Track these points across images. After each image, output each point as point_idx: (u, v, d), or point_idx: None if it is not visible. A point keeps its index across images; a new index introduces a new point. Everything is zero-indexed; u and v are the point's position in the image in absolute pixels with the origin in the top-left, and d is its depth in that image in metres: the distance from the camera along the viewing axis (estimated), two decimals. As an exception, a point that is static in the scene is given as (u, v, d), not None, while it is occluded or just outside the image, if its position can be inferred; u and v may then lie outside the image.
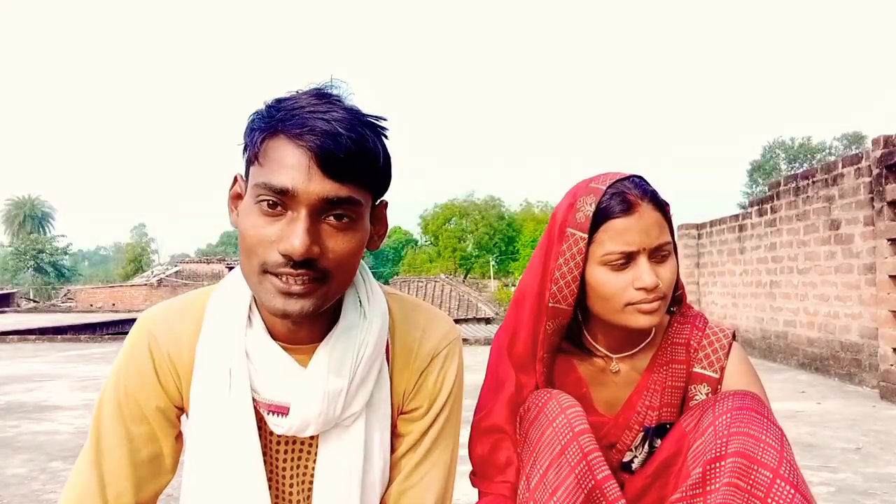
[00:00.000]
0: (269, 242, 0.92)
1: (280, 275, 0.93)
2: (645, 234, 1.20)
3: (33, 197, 64.93)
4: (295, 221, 0.91)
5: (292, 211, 0.92)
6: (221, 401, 1.04)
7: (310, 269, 0.92)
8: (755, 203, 7.71)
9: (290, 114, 0.92)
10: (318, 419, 1.03)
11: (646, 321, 1.23)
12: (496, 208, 48.60)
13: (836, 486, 2.88)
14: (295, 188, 0.90)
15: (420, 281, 27.50)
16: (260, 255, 0.93)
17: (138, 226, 77.65)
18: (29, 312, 25.75)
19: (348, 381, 1.03)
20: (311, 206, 0.91)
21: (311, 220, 0.91)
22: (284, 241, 0.91)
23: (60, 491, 2.86)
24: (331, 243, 0.94)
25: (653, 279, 1.20)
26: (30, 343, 10.45)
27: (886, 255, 5.00)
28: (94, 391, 5.52)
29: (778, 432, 1.10)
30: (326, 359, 1.03)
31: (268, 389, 1.04)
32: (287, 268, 0.92)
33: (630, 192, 1.22)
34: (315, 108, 0.93)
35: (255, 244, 0.93)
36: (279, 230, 0.92)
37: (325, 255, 0.93)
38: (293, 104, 0.94)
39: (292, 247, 0.90)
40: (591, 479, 1.15)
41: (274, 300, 0.94)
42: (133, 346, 1.11)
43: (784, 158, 51.79)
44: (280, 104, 0.95)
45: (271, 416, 1.05)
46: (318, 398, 1.02)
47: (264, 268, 0.93)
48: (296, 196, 0.91)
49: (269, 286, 0.94)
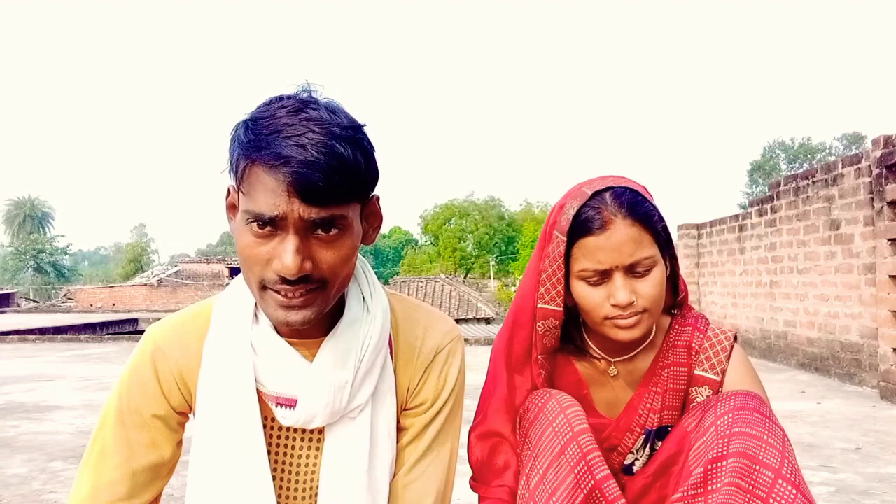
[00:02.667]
0: (263, 261, 0.96)
1: (279, 290, 0.96)
2: (616, 253, 1.19)
3: (33, 197, 65.04)
4: (284, 242, 0.94)
5: (281, 231, 0.95)
6: (227, 394, 1.07)
7: (306, 283, 0.96)
8: (755, 203, 7.71)
9: (266, 140, 0.93)
10: (325, 411, 1.06)
11: (624, 336, 1.22)
12: (496, 208, 48.60)
13: (836, 486, 2.88)
14: (282, 214, 0.93)
15: (420, 281, 27.52)
16: (258, 273, 0.97)
17: (138, 226, 77.87)
18: (29, 312, 25.76)
19: (353, 374, 1.06)
20: (296, 226, 0.94)
21: (299, 238, 0.94)
22: (277, 261, 0.95)
23: (60, 491, 2.88)
24: (322, 255, 0.97)
25: (626, 297, 1.19)
26: (30, 343, 10.45)
27: (886, 255, 5.00)
28: (94, 391, 5.53)
29: (780, 432, 1.10)
30: (331, 352, 1.06)
31: (274, 383, 1.07)
32: (284, 284, 0.95)
33: (605, 208, 1.20)
34: (291, 131, 0.93)
35: (251, 262, 0.97)
36: (271, 249, 0.95)
37: (318, 266, 0.96)
38: (269, 126, 0.94)
39: (285, 267, 0.93)
40: (591, 479, 1.15)
41: (276, 313, 0.98)
42: (138, 358, 1.14)
43: (784, 158, 51.85)
44: (257, 124, 0.95)
45: (279, 408, 1.08)
46: (325, 390, 1.05)
47: (263, 284, 0.97)
48: (283, 219, 0.93)
49: (269, 300, 0.98)
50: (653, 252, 1.21)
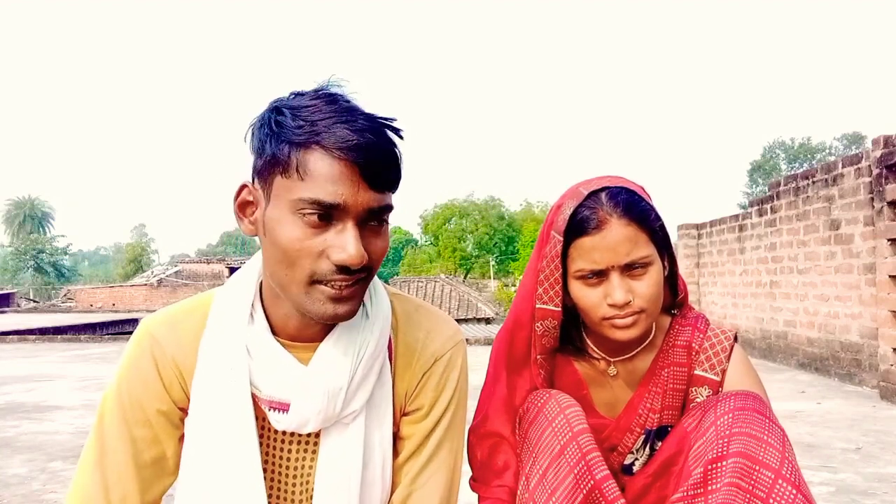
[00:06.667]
0: (316, 253, 0.94)
1: (331, 282, 0.95)
2: (612, 253, 1.19)
3: (33, 197, 64.95)
4: (344, 232, 0.94)
5: (338, 221, 0.94)
6: (221, 396, 1.05)
7: (358, 274, 0.97)
8: (755, 203, 7.70)
9: (320, 125, 0.93)
10: (318, 416, 1.04)
11: (622, 335, 1.22)
12: (496, 208, 48.54)
13: (836, 486, 2.88)
14: (345, 202, 0.93)
15: (420, 281, 27.50)
16: (307, 266, 0.95)
17: (138, 226, 77.77)
18: (29, 312, 25.76)
19: (348, 380, 1.04)
20: (357, 217, 0.94)
21: (357, 229, 0.95)
22: (338, 251, 0.93)
23: (60, 491, 2.87)
24: (372, 246, 0.98)
25: (622, 296, 1.19)
26: (30, 343, 10.45)
27: (886, 255, 5.00)
28: (94, 391, 5.52)
29: (780, 433, 1.10)
30: (327, 357, 1.04)
31: (268, 386, 1.05)
32: (341, 275, 0.95)
33: (601, 207, 1.20)
34: (341, 117, 0.93)
35: (299, 256, 0.95)
36: (326, 241, 0.94)
37: (369, 258, 0.97)
38: (316, 113, 0.94)
39: (350, 257, 0.93)
40: (590, 479, 1.15)
41: (324, 307, 0.97)
42: (136, 351, 1.10)
43: (784, 158, 51.84)
44: (299, 112, 0.94)
45: (272, 412, 1.06)
46: (318, 396, 1.03)
47: (314, 277, 0.95)
48: (345, 209, 0.93)
49: (318, 295, 0.96)
50: (649, 252, 1.21)
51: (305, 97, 0.97)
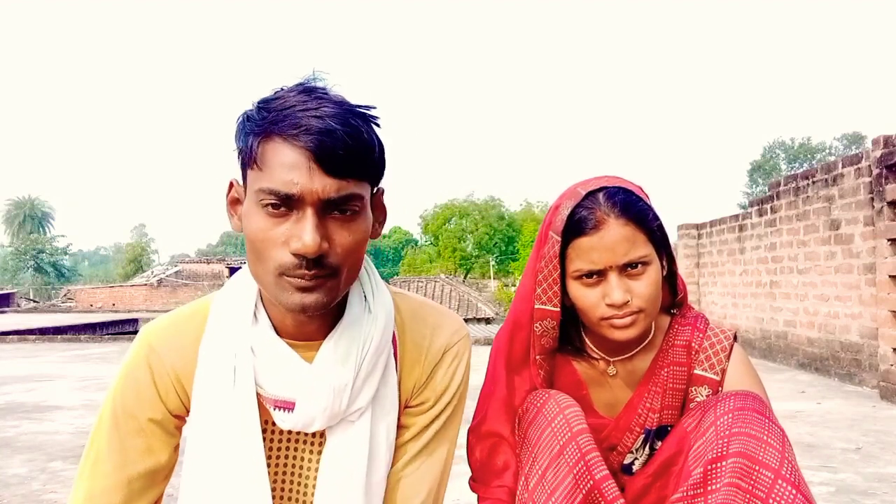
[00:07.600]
0: (278, 244, 0.93)
1: (294, 276, 0.94)
2: (610, 252, 1.19)
3: (33, 197, 65.00)
4: (302, 220, 0.92)
5: (298, 210, 0.93)
6: (225, 396, 1.05)
7: (320, 268, 0.94)
8: (755, 203, 7.70)
9: (281, 114, 0.92)
10: (324, 414, 1.04)
11: (621, 335, 1.22)
12: (496, 208, 48.53)
13: (836, 486, 2.88)
14: (301, 191, 0.91)
15: (420, 281, 27.49)
16: (273, 258, 0.94)
17: (138, 226, 77.82)
18: (29, 312, 25.77)
19: (353, 376, 1.04)
20: (315, 205, 0.92)
21: (317, 217, 0.92)
22: (294, 241, 0.92)
23: (60, 491, 2.88)
24: (338, 237, 0.95)
25: (621, 296, 1.19)
26: (30, 343, 10.45)
27: (886, 255, 4.99)
28: (94, 391, 5.52)
29: (779, 433, 1.10)
30: (331, 354, 1.04)
31: (273, 385, 1.04)
32: (301, 269, 0.93)
33: (599, 208, 1.20)
34: (305, 105, 0.93)
35: (264, 247, 0.94)
36: (287, 230, 0.93)
37: (333, 249, 0.94)
38: (282, 104, 0.94)
39: (304, 245, 0.91)
40: (590, 479, 1.15)
41: (291, 297, 0.95)
42: (132, 360, 1.11)
43: (784, 158, 51.85)
44: (269, 105, 0.95)
45: (277, 411, 1.05)
46: (324, 393, 1.02)
47: (280, 270, 0.94)
48: (301, 197, 0.91)
49: (286, 284, 0.95)
50: (647, 251, 1.21)
51: (280, 91, 0.97)
